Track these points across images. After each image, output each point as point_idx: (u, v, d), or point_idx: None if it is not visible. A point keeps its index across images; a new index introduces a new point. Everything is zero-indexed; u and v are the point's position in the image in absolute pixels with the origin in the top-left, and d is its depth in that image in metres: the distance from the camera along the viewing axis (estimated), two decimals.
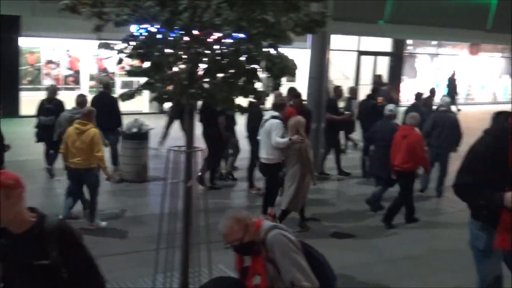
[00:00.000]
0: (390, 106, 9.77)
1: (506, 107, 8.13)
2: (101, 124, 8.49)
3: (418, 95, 12.90)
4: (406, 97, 23.33)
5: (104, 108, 9.91)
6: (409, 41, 25.03)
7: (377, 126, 9.59)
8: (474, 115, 21.14)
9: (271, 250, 3.87)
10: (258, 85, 5.15)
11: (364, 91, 14.74)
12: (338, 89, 12.72)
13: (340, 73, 22.06)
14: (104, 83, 11.68)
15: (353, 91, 13.75)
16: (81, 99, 9.81)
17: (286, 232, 4.02)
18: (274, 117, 8.41)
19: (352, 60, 22.96)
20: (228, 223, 3.93)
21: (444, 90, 22.57)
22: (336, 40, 20.99)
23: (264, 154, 8.45)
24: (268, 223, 4.08)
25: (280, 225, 4.26)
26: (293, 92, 10.79)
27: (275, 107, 8.76)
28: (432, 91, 14.29)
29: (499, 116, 4.28)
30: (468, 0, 23.73)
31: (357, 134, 13.42)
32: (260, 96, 5.22)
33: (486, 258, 4.36)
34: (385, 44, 23.94)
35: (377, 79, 18.41)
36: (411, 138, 8.53)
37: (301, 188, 8.00)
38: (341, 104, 12.82)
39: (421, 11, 22.05)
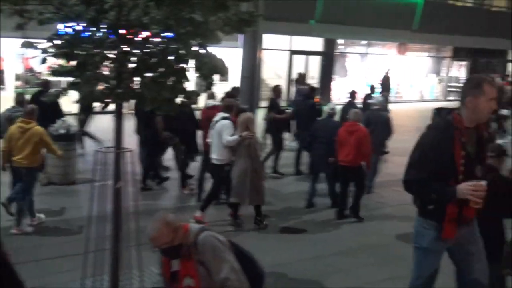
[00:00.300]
0: (331, 105, 10.01)
1: (432, 105, 8.50)
2: (41, 123, 8.29)
3: (353, 93, 13.12)
4: (338, 95, 23.80)
5: (42, 107, 9.66)
6: (340, 41, 25.47)
7: (318, 124, 9.76)
8: (403, 113, 21.77)
9: (202, 252, 3.84)
10: (188, 85, 5.12)
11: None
12: (277, 89, 12.78)
13: (273, 72, 22.24)
14: (44, 82, 11.53)
15: (276, 90, 13.67)
16: (20, 98, 9.85)
17: (215, 233, 4.01)
18: (224, 118, 8.48)
19: (285, 60, 23.16)
20: (157, 226, 3.86)
21: (377, 89, 23.06)
22: (269, 40, 21.19)
23: (215, 155, 8.50)
24: (196, 226, 4.07)
25: (207, 227, 4.24)
26: (237, 91, 10.88)
27: (226, 108, 8.83)
28: (372, 89, 14.62)
29: (442, 111, 4.40)
30: (396, 1, 24.34)
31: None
32: (190, 96, 5.19)
33: (428, 255, 4.41)
34: (317, 43, 24.27)
35: (299, 78, 18.46)
36: (359, 133, 8.77)
37: (253, 182, 8.13)
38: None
39: (351, 11, 22.46)
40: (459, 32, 26.66)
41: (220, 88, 11.70)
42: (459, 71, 30.93)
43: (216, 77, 5.25)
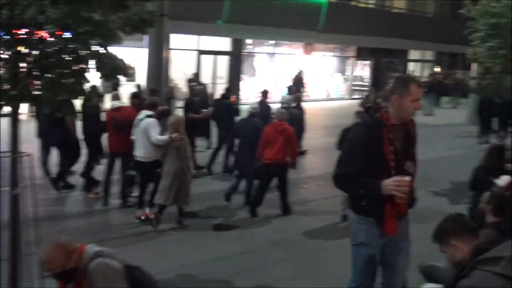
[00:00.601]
0: (254, 105, 10.15)
1: (338, 104, 8.74)
2: None
3: (265, 93, 13.25)
4: (247, 95, 23.97)
5: None
6: (248, 41, 25.66)
7: (240, 124, 9.85)
8: (310, 112, 22.12)
9: (93, 279, 3.63)
10: (88, 86, 4.99)
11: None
12: (193, 88, 12.83)
13: (181, 72, 22.06)
14: None
15: (171, 91, 13.63)
16: None
17: (110, 259, 3.76)
18: (149, 116, 8.53)
19: (193, 60, 23.05)
20: (49, 249, 3.62)
21: (286, 88, 23.41)
22: (176, 39, 21.03)
23: (141, 153, 8.52)
24: (92, 249, 3.78)
25: (106, 250, 3.88)
26: (153, 93, 10.73)
27: (149, 106, 8.86)
28: (291, 90, 14.78)
29: (370, 109, 4.48)
30: (301, 2, 24.81)
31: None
32: (91, 97, 5.07)
33: (365, 250, 4.39)
34: (225, 43, 24.33)
35: (193, 77, 18.41)
36: (288, 132, 8.99)
37: (181, 183, 8.23)
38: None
39: (258, 12, 22.66)
40: (362, 33, 27.53)
41: (128, 89, 11.50)
42: (363, 70, 31.98)
43: (122, 78, 5.16)
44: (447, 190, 10.89)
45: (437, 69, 35.84)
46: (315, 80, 28.95)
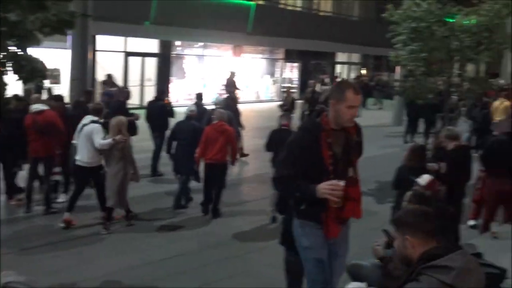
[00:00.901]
0: (192, 107, 10.24)
1: (268, 106, 8.78)
2: None
3: (199, 95, 13.16)
4: (176, 97, 23.74)
5: None
6: (177, 43, 25.44)
7: (178, 126, 9.84)
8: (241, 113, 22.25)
9: None
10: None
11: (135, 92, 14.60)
12: (124, 91, 12.64)
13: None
14: None
15: (88, 94, 13.07)
16: None
17: None
18: (93, 121, 8.48)
19: (120, 61, 22.64)
20: None
21: (222, 90, 23.38)
22: (103, 41, 20.62)
23: (84, 158, 8.43)
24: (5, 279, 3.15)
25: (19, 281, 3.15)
26: (88, 94, 10.47)
27: (94, 111, 8.75)
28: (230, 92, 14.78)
29: (312, 113, 4.46)
30: (230, 4, 24.85)
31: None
32: (8, 101, 4.87)
33: (312, 253, 4.37)
34: (153, 45, 24.03)
35: (107, 79, 18.10)
36: (230, 132, 9.22)
37: (125, 185, 8.41)
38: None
39: (186, 13, 22.52)
40: (291, 35, 27.84)
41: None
42: (291, 72, 32.35)
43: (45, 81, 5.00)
44: (373, 190, 11.15)
45: (364, 72, 36.74)
46: (245, 82, 29.06)
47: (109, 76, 18.95)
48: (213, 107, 12.08)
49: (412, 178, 6.52)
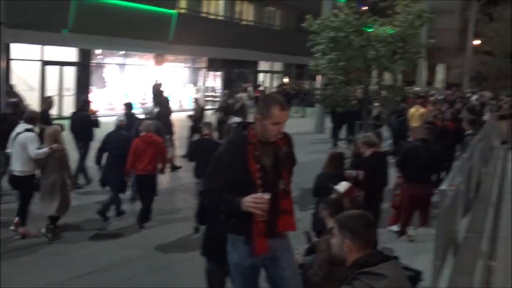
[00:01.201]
0: (121, 117, 10.20)
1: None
2: None
3: (128, 105, 12.91)
4: (97, 107, 23.19)
5: None
6: (97, 51, 24.92)
7: (108, 136, 9.69)
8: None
9: None
10: None
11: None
12: (47, 100, 12.45)
13: (24, 83, 20.88)
14: None
15: (14, 106, 12.50)
16: None
17: None
18: (28, 129, 8.36)
19: (37, 70, 21.90)
20: None
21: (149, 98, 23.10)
22: (18, 49, 19.92)
23: (18, 167, 8.31)
24: None
25: None
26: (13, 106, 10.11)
27: (29, 119, 8.56)
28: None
29: (239, 125, 4.35)
30: (151, 12, 24.60)
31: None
32: None
33: (242, 271, 4.27)
34: (71, 53, 23.42)
35: (9, 88, 17.56)
36: (159, 143, 9.27)
37: (62, 193, 8.24)
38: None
39: (106, 21, 22.10)
40: (213, 44, 27.90)
41: None
42: (214, 81, 32.40)
43: None
44: (297, 197, 11.26)
45: (286, 80, 37.30)
46: (168, 91, 28.83)
47: (10, 86, 18.29)
48: (143, 116, 12.01)
49: (331, 186, 6.64)
